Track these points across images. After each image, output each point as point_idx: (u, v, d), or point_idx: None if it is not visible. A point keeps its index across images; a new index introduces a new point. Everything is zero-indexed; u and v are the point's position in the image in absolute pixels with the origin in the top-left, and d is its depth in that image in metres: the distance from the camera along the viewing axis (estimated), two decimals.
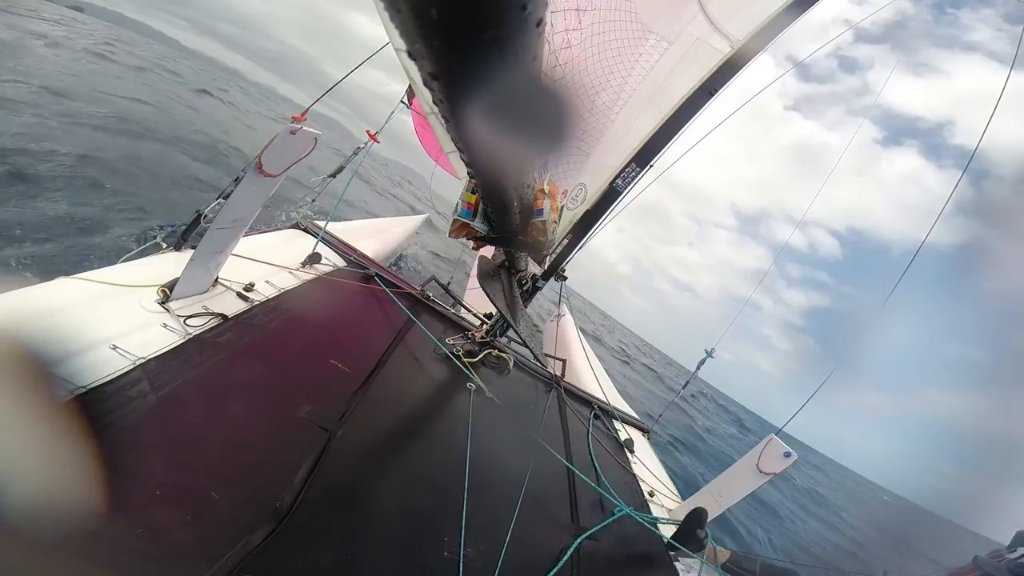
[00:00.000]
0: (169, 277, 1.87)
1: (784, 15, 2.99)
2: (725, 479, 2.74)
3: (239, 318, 1.99)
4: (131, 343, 1.51)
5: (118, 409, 1.28)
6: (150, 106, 9.90)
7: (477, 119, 0.77)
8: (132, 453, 1.21)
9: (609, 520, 2.21)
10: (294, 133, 1.85)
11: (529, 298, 3.53)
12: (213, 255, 2.02)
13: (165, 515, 1.12)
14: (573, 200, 3.35)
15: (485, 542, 1.60)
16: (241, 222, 2.03)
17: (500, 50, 0.56)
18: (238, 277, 2.21)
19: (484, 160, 1.17)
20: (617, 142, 3.23)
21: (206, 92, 17.06)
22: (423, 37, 0.54)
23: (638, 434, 3.82)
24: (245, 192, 1.93)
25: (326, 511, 1.40)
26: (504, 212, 1.85)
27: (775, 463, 2.50)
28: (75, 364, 1.33)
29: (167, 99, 12.01)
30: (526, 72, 0.64)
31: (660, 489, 3.03)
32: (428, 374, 2.61)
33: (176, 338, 1.67)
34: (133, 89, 10.84)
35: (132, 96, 9.88)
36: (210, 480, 1.27)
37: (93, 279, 1.71)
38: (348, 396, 1.92)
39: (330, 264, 3.08)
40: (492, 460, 2.13)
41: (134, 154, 6.37)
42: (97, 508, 1.01)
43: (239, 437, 1.49)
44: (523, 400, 3.09)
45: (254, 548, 1.15)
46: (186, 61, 30.08)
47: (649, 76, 3.05)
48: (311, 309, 2.49)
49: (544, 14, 0.55)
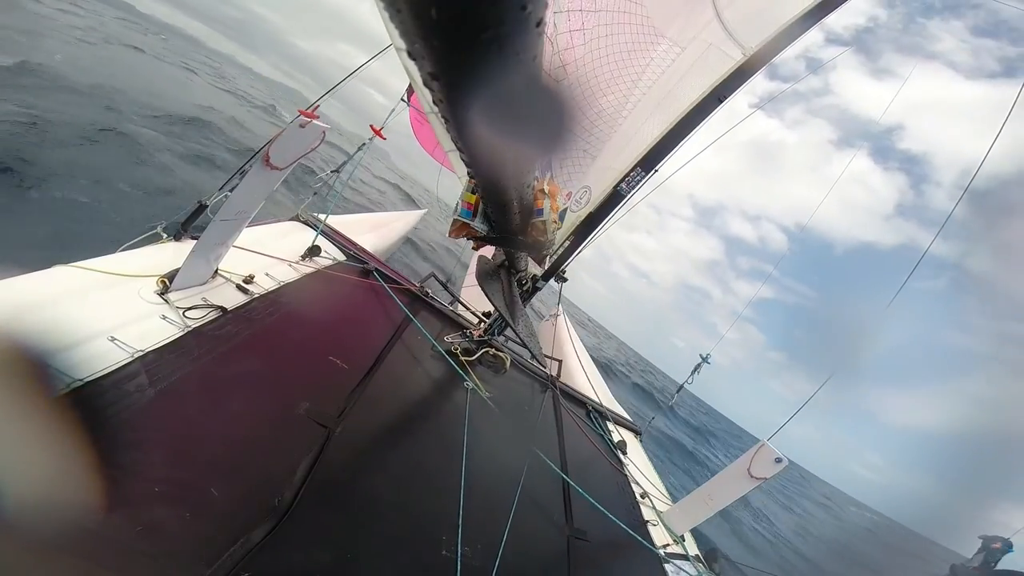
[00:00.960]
0: (168, 267, 1.87)
1: (799, 23, 2.97)
2: (716, 483, 2.77)
3: (238, 311, 1.98)
4: (129, 335, 1.50)
5: (116, 403, 1.27)
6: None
7: (477, 119, 0.76)
8: (130, 448, 1.21)
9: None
10: (303, 127, 1.85)
11: (528, 298, 3.52)
12: (215, 246, 2.02)
13: (164, 512, 1.11)
14: (577, 202, 3.34)
15: (482, 541, 1.61)
16: (244, 214, 2.03)
17: (500, 50, 0.55)
18: (238, 269, 2.21)
19: (484, 160, 1.17)
20: (623, 146, 3.21)
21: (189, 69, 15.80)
22: (423, 37, 0.53)
23: (630, 435, 3.84)
24: (250, 184, 1.93)
25: (325, 509, 1.40)
26: (504, 212, 1.84)
27: (766, 468, 2.54)
28: (72, 356, 1.31)
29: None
30: (526, 72, 0.63)
31: (652, 491, 3.05)
32: (426, 372, 2.61)
33: (175, 330, 1.66)
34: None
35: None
36: (209, 476, 1.27)
37: (91, 268, 1.70)
38: (347, 393, 1.92)
39: (329, 258, 3.08)
40: (489, 459, 2.13)
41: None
42: (94, 505, 1.00)
43: (238, 433, 1.49)
44: (519, 400, 3.09)
45: (254, 546, 1.15)
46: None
47: (660, 81, 3.03)
48: (310, 303, 2.49)
49: (544, 14, 0.54)
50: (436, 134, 2.82)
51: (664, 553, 2.41)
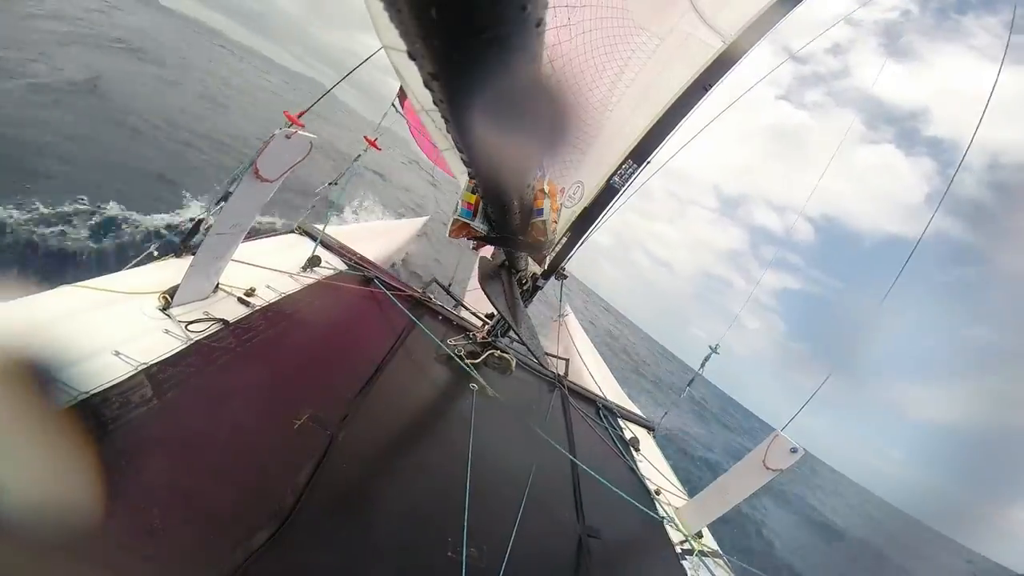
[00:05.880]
0: (170, 284, 1.88)
1: (774, 10, 3.00)
2: (732, 476, 2.70)
3: (240, 323, 1.99)
4: (133, 349, 1.52)
5: (121, 414, 1.29)
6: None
7: (478, 119, 0.77)
8: (135, 458, 1.22)
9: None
10: (289, 137, 1.85)
11: (530, 297, 3.53)
12: (213, 261, 2.02)
13: (168, 519, 1.13)
14: (570, 198, 3.35)
15: (489, 543, 1.61)
16: (240, 227, 2.03)
17: (500, 50, 0.56)
18: (239, 282, 2.21)
19: (485, 160, 1.18)
20: (613, 139, 3.23)
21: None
22: (423, 37, 0.54)
23: (643, 432, 3.82)
24: (242, 197, 1.93)
25: (328, 513, 1.41)
26: (504, 212, 1.85)
27: (782, 459, 2.46)
28: (78, 370, 1.34)
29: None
30: (526, 72, 0.65)
31: (666, 487, 3.02)
32: (430, 375, 2.61)
33: (178, 344, 1.68)
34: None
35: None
36: (212, 483, 1.29)
37: (95, 287, 1.72)
38: (350, 399, 1.92)
39: (331, 268, 3.08)
40: (495, 461, 2.13)
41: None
42: (100, 512, 1.01)
43: (241, 441, 1.50)
44: (526, 400, 3.08)
45: (256, 550, 1.16)
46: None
47: (642, 73, 3.05)
48: (312, 313, 2.49)
49: (544, 14, 0.55)
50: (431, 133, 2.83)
51: (681, 550, 2.38)
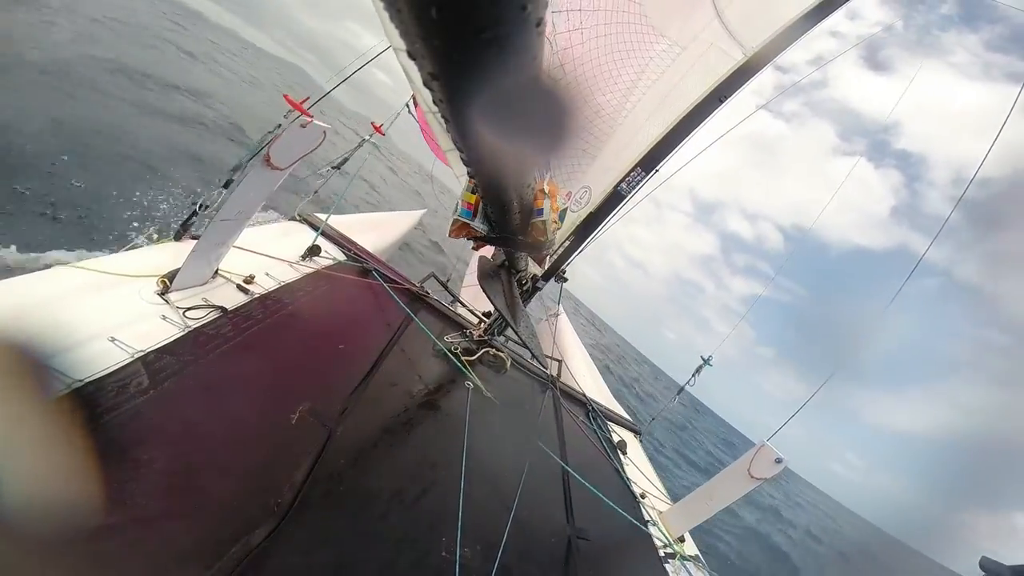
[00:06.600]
0: (168, 267, 1.87)
1: (800, 23, 2.97)
2: (717, 483, 2.77)
3: (239, 311, 1.98)
4: (130, 335, 1.50)
5: (116, 403, 1.26)
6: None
7: (478, 119, 0.76)
8: (130, 449, 1.20)
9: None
10: (304, 126, 1.85)
11: (529, 298, 3.52)
12: (215, 246, 2.02)
13: (164, 512, 1.11)
14: (577, 203, 3.34)
15: (482, 542, 1.61)
16: (245, 214, 2.03)
17: (500, 50, 0.55)
18: (238, 269, 2.20)
19: (484, 160, 1.17)
20: (624, 146, 3.21)
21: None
22: (423, 37, 0.53)
23: (630, 435, 3.84)
24: (251, 184, 1.92)
25: (325, 510, 1.40)
26: (504, 212, 1.84)
27: (766, 468, 2.53)
28: (73, 356, 1.31)
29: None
30: (526, 72, 0.63)
31: (651, 491, 3.04)
32: (426, 372, 2.61)
33: (175, 331, 1.66)
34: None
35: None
36: (210, 477, 1.27)
37: (92, 268, 1.70)
38: (347, 393, 1.92)
39: (330, 258, 3.08)
40: (489, 460, 2.13)
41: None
42: (94, 506, 0.99)
43: (238, 433, 1.48)
44: (519, 400, 3.09)
45: (255, 547, 1.14)
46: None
47: (660, 81, 3.03)
48: (310, 304, 2.48)
49: (544, 14, 0.54)
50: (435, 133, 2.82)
51: (664, 553, 2.41)
